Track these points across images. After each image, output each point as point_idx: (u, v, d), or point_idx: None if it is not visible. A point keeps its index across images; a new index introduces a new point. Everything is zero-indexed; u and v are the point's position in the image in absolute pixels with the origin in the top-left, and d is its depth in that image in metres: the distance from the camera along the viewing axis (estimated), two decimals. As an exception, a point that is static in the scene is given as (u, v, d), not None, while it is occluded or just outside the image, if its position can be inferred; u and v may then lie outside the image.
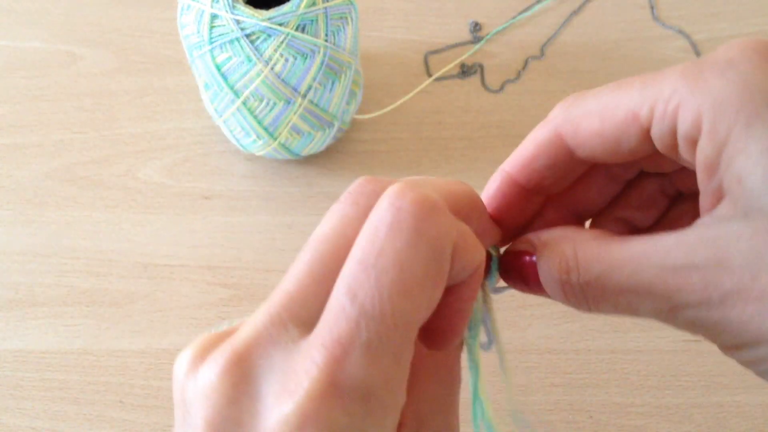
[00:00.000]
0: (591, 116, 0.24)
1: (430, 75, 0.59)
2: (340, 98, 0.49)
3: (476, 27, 0.61)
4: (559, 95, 0.58)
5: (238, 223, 0.52)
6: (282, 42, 0.44)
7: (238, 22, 0.44)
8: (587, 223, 0.29)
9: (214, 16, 0.44)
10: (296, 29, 0.44)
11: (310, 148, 0.52)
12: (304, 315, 0.19)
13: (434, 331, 0.22)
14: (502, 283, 0.26)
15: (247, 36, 0.44)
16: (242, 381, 0.18)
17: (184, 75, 0.58)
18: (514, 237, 0.26)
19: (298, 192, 0.53)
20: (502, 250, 0.26)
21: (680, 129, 0.21)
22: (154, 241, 0.51)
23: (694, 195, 0.25)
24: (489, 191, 0.26)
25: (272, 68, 0.45)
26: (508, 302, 0.48)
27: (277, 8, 0.44)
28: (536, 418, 0.45)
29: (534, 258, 0.24)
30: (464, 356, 0.25)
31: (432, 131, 0.56)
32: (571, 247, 0.22)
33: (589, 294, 0.22)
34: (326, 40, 0.46)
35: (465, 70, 0.59)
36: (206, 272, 0.50)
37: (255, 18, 0.44)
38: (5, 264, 0.51)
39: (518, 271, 0.24)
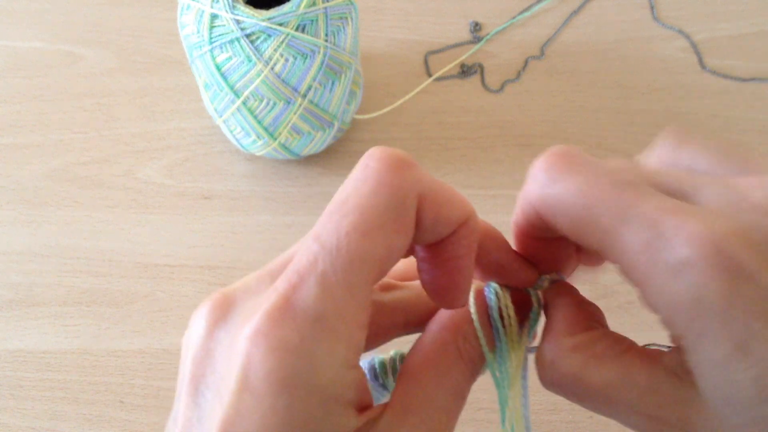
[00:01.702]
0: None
1: (430, 75, 0.59)
2: (340, 98, 0.49)
3: (476, 27, 0.61)
4: (559, 95, 0.58)
5: (238, 223, 0.52)
6: (282, 42, 0.44)
7: (238, 22, 0.44)
8: None
9: (214, 16, 0.44)
10: (296, 29, 0.44)
11: (310, 148, 0.52)
12: None
13: (441, 290, 0.23)
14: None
15: (247, 36, 0.44)
16: (221, 317, 0.21)
17: (184, 75, 0.58)
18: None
19: (298, 192, 0.53)
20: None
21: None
22: (154, 241, 0.51)
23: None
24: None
25: (272, 68, 0.45)
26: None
27: (277, 8, 0.44)
28: (536, 418, 0.45)
29: None
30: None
31: (432, 131, 0.56)
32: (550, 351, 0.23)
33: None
34: (326, 40, 0.46)
35: (465, 70, 0.59)
36: (206, 272, 0.50)
37: (255, 18, 0.44)
38: (5, 264, 0.51)
39: None
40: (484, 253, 0.24)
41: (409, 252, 0.23)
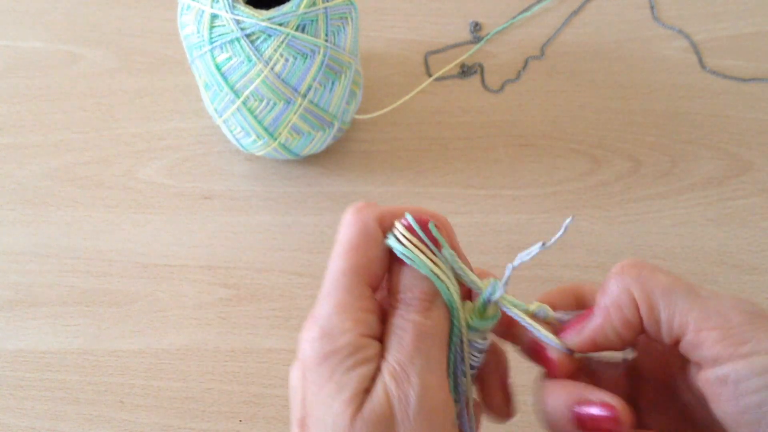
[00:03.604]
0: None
1: (430, 75, 0.59)
2: (340, 98, 0.49)
3: (476, 27, 0.61)
4: (559, 95, 0.58)
5: (238, 223, 0.52)
6: (282, 42, 0.44)
7: (238, 22, 0.44)
8: None
9: (214, 16, 0.44)
10: (296, 29, 0.44)
11: (310, 148, 0.52)
12: None
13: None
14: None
15: (247, 36, 0.44)
16: None
17: (184, 75, 0.58)
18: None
19: (298, 192, 0.53)
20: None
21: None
22: (154, 241, 0.51)
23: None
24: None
25: (272, 68, 0.45)
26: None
27: (277, 8, 0.44)
28: (537, 418, 0.45)
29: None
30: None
31: (432, 131, 0.56)
32: None
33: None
34: (326, 40, 0.46)
35: (465, 70, 0.59)
36: (206, 272, 0.50)
37: (255, 18, 0.44)
38: (5, 264, 0.51)
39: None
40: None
41: None
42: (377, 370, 0.26)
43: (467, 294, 0.30)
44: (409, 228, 0.27)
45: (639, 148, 0.55)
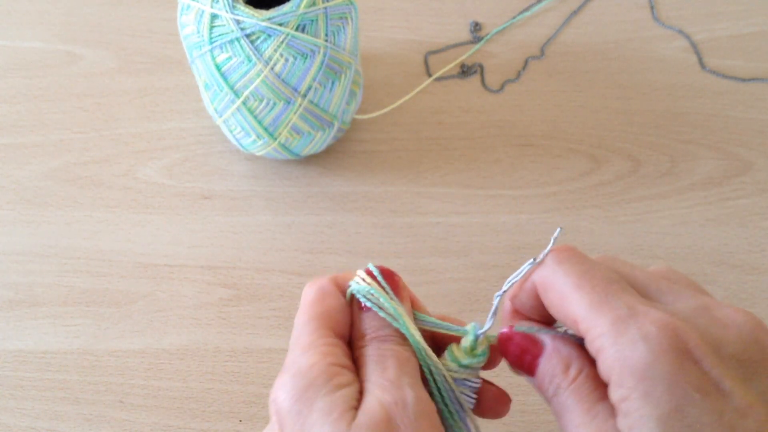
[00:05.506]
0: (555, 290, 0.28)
1: (430, 75, 0.59)
2: (340, 98, 0.49)
3: (476, 27, 0.61)
4: (559, 95, 0.58)
5: (238, 223, 0.52)
6: (282, 42, 0.44)
7: (238, 22, 0.44)
8: None
9: (214, 16, 0.44)
10: (296, 29, 0.44)
11: (310, 148, 0.52)
12: None
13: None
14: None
15: (247, 36, 0.44)
16: None
17: (184, 75, 0.58)
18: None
19: (298, 192, 0.53)
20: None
21: (599, 367, 0.25)
22: (154, 241, 0.51)
23: None
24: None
25: (272, 68, 0.45)
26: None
27: (277, 8, 0.44)
28: (536, 418, 0.45)
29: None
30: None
31: (432, 131, 0.56)
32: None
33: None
34: (326, 40, 0.46)
35: (465, 70, 0.59)
36: (206, 272, 0.50)
37: (255, 18, 0.44)
38: (5, 264, 0.51)
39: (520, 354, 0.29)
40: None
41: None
42: (360, 392, 0.27)
43: (429, 337, 0.31)
44: (369, 273, 0.30)
45: (639, 148, 0.55)
